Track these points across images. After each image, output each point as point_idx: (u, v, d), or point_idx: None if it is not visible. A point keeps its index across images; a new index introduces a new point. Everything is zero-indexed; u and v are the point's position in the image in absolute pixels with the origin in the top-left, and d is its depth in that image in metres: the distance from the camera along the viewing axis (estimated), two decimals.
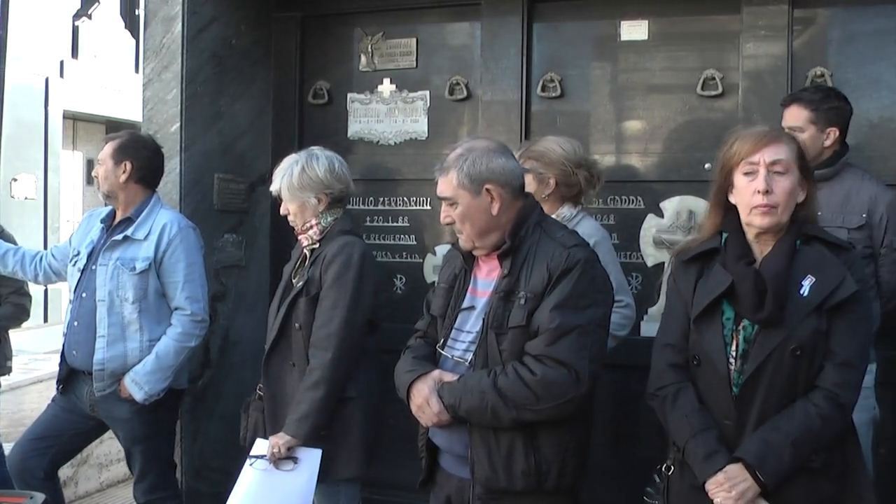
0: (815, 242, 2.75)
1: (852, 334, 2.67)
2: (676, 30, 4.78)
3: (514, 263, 2.96)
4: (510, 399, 2.85)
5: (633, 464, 4.55)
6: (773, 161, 2.72)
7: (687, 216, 4.61)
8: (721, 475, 2.67)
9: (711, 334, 2.77)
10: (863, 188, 3.89)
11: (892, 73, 4.47)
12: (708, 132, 4.63)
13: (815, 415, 2.62)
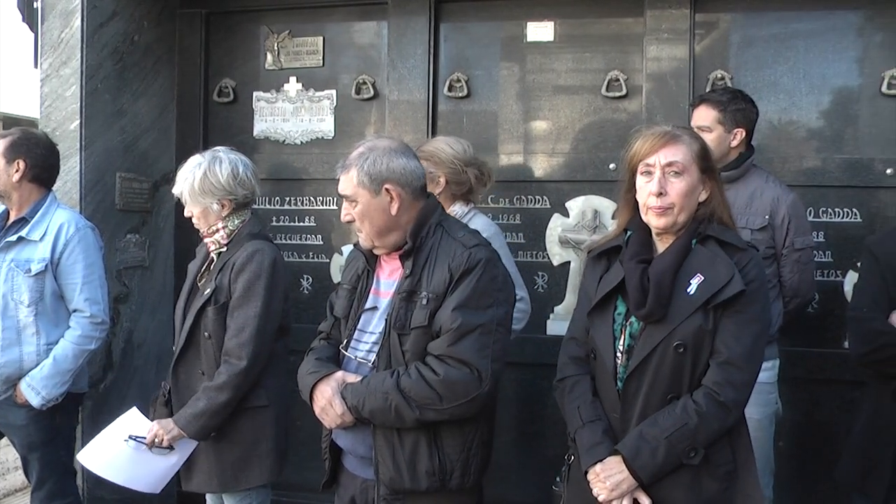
0: (711, 242, 2.77)
1: (739, 334, 2.68)
2: (582, 32, 4.84)
3: (416, 264, 2.95)
4: (413, 399, 2.84)
5: (541, 460, 4.61)
6: (669, 163, 2.73)
7: (592, 215, 4.67)
8: (599, 466, 2.72)
9: (603, 329, 2.81)
10: (766, 190, 3.98)
11: (789, 77, 4.60)
12: (612, 133, 4.71)
13: (693, 412, 2.64)
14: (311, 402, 3.06)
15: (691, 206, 2.76)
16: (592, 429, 2.78)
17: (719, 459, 2.71)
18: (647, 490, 2.70)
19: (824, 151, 4.59)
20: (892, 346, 3.16)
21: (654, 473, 2.67)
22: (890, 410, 3.22)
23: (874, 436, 3.28)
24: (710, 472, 2.70)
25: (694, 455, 2.66)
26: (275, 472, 3.64)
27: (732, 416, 2.70)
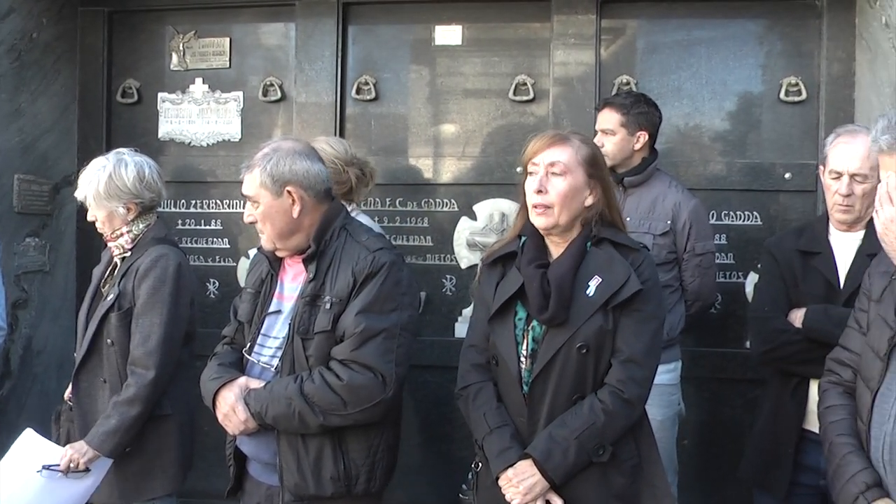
0: (606, 244, 2.81)
1: (638, 332, 2.74)
2: (489, 36, 4.86)
3: (320, 267, 2.93)
4: (317, 404, 2.82)
5: (450, 463, 4.61)
6: (551, 162, 2.77)
7: (499, 218, 4.69)
8: (510, 471, 2.72)
9: (504, 334, 2.82)
10: (668, 195, 4.03)
11: (692, 83, 4.70)
12: (520, 136, 4.72)
13: (600, 410, 2.68)
14: (214, 409, 3.01)
15: (573, 209, 2.78)
16: (500, 434, 2.78)
17: (625, 454, 2.76)
18: (558, 490, 2.73)
19: (727, 156, 4.69)
20: (792, 343, 3.24)
21: (566, 474, 2.69)
22: (790, 407, 3.29)
23: (775, 432, 3.36)
24: (616, 468, 2.74)
25: (603, 452, 2.70)
26: (178, 481, 3.57)
27: (637, 412, 2.75)
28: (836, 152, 3.29)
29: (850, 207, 3.26)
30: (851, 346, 2.64)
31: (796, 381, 3.30)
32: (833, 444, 2.56)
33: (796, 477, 3.29)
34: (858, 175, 3.22)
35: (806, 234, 3.43)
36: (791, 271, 3.37)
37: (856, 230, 3.32)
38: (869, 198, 3.25)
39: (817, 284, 3.30)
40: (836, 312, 3.15)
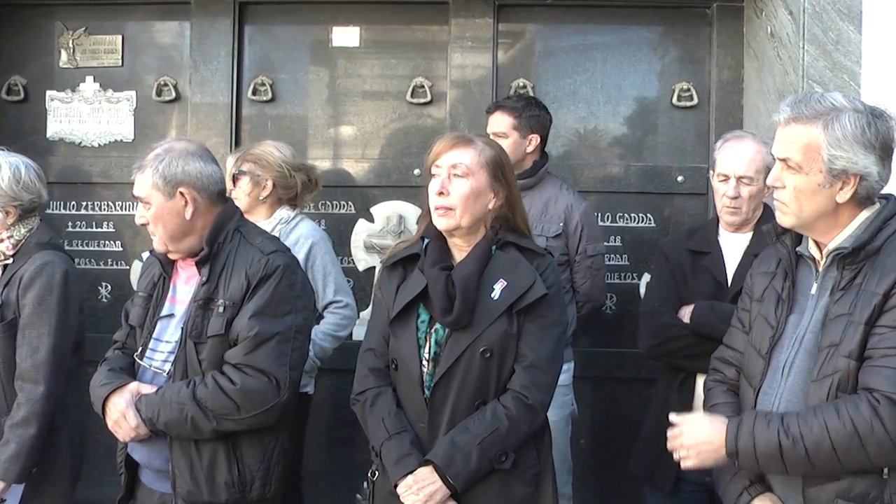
0: (511, 248, 2.82)
1: (542, 337, 2.75)
2: (387, 38, 4.86)
3: (213, 270, 2.88)
4: (210, 409, 2.78)
5: (351, 466, 4.58)
6: (453, 164, 2.76)
7: (397, 221, 4.69)
8: (410, 478, 2.69)
9: (406, 337, 2.80)
10: (560, 198, 4.09)
11: (587, 87, 4.78)
12: (417, 139, 4.76)
13: (504, 416, 2.68)
14: (104, 416, 2.93)
15: (476, 211, 2.78)
16: (400, 440, 2.75)
17: (526, 462, 2.76)
18: (458, 499, 2.70)
19: (621, 159, 4.78)
20: (679, 338, 3.32)
21: (467, 480, 2.67)
22: (676, 402, 3.35)
23: (662, 428, 3.42)
24: (518, 476, 2.74)
25: (505, 459, 2.69)
26: (68, 494, 3.46)
27: (540, 418, 2.77)
28: (723, 156, 3.40)
29: (737, 209, 3.36)
30: (735, 344, 2.70)
31: (682, 377, 3.38)
32: None
33: (683, 473, 3.35)
34: (745, 178, 3.32)
35: (697, 235, 3.53)
36: (681, 270, 3.45)
37: (744, 231, 3.42)
38: (755, 200, 3.36)
39: (706, 283, 3.40)
40: (723, 308, 3.23)
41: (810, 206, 2.39)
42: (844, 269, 2.37)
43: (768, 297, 2.56)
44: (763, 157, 3.33)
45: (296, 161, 3.96)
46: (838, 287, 2.37)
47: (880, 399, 2.22)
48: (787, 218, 2.44)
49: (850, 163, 2.33)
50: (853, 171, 2.34)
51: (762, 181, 3.32)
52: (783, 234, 2.56)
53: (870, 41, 4.02)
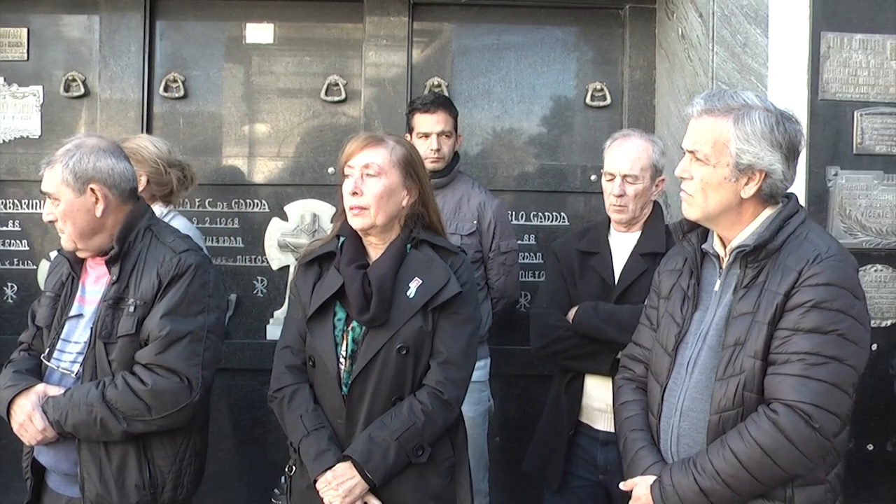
0: (425, 246, 2.86)
1: (456, 334, 2.80)
2: (301, 35, 4.82)
3: (123, 269, 2.84)
4: (120, 411, 2.74)
5: (264, 467, 4.54)
6: (366, 164, 2.79)
7: (311, 219, 4.66)
8: (329, 474, 2.71)
9: (323, 335, 2.81)
10: (473, 196, 4.15)
11: (501, 86, 4.81)
12: (332, 137, 4.74)
13: (420, 411, 2.73)
14: (10, 419, 2.86)
15: (390, 209, 2.81)
16: (318, 436, 2.77)
17: (442, 455, 2.82)
18: (376, 493, 2.74)
19: (535, 158, 4.82)
20: (564, 339, 3.38)
21: (385, 475, 2.71)
22: (564, 402, 3.44)
23: (552, 425, 3.50)
24: (434, 469, 2.80)
25: (422, 453, 2.74)
26: None
27: (454, 412, 2.82)
28: (610, 155, 3.46)
29: (623, 207, 3.41)
30: (643, 342, 2.77)
31: (571, 376, 3.45)
32: (627, 439, 2.66)
33: (575, 470, 3.44)
34: (630, 176, 3.38)
35: (588, 234, 3.58)
36: (571, 270, 3.51)
37: (633, 230, 3.49)
38: (642, 198, 3.43)
39: (593, 282, 3.46)
40: (606, 309, 3.32)
41: (715, 199, 2.46)
42: (747, 266, 2.45)
43: (675, 294, 2.63)
44: (649, 155, 3.41)
45: (171, 157, 3.89)
46: (741, 285, 2.45)
47: (779, 409, 2.31)
48: (693, 210, 2.51)
49: (757, 158, 2.41)
50: (759, 167, 2.42)
51: (648, 179, 3.41)
52: (689, 232, 2.62)
53: (776, 44, 4.13)
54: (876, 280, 4.19)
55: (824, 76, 4.12)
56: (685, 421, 2.49)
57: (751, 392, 2.37)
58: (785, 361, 2.33)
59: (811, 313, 2.32)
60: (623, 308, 3.32)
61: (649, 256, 3.40)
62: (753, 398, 2.38)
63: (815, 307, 2.32)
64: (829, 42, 4.12)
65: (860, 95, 4.14)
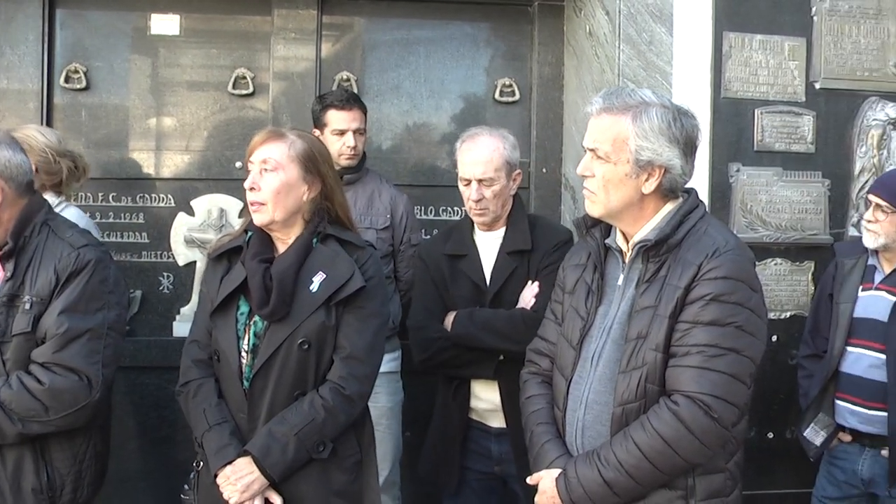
0: (332, 241, 2.83)
1: (360, 329, 2.78)
2: (208, 27, 4.74)
3: (19, 265, 2.77)
4: (15, 412, 2.68)
5: (171, 466, 4.47)
6: (263, 159, 2.78)
7: (218, 214, 4.59)
8: (228, 468, 2.70)
9: (226, 329, 2.80)
10: (383, 191, 4.16)
11: (410, 81, 4.80)
12: (239, 131, 4.67)
13: (321, 407, 2.70)
14: None
15: (289, 204, 2.79)
16: (220, 431, 2.75)
17: (347, 451, 2.81)
18: (277, 488, 2.72)
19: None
20: (445, 350, 3.38)
21: (285, 471, 2.70)
22: (454, 408, 3.46)
23: (444, 431, 3.52)
24: (338, 465, 2.78)
25: (323, 449, 2.72)
26: None
27: (357, 408, 2.79)
28: (462, 159, 3.44)
29: (484, 210, 3.43)
30: (548, 336, 2.78)
31: (457, 383, 3.46)
32: (533, 433, 2.68)
33: (471, 464, 3.48)
34: (485, 180, 3.38)
35: (453, 236, 3.57)
36: (441, 276, 3.50)
37: (497, 228, 3.50)
38: (501, 197, 3.43)
39: (465, 287, 3.46)
40: (481, 317, 3.35)
41: (617, 196, 2.50)
42: (649, 261, 2.49)
43: (579, 289, 2.66)
44: (502, 154, 3.41)
45: (61, 147, 3.79)
46: (644, 279, 2.49)
47: (679, 400, 2.36)
48: (596, 207, 2.54)
49: (656, 154, 2.45)
50: (658, 163, 2.46)
51: (505, 177, 3.41)
52: (593, 227, 2.65)
53: (680, 43, 4.21)
54: (776, 273, 4.30)
55: (726, 75, 4.23)
56: (590, 413, 2.52)
57: (653, 384, 2.41)
58: (685, 354, 2.38)
59: (710, 306, 2.37)
60: (498, 314, 3.35)
61: (517, 254, 3.42)
62: (655, 390, 2.41)
63: (714, 300, 2.37)
64: (730, 42, 4.23)
65: (760, 94, 4.26)
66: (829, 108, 4.35)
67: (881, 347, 3.57)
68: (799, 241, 4.31)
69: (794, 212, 4.30)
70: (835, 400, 3.71)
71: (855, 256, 3.76)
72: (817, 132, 4.33)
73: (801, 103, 4.31)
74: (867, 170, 4.35)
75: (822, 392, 3.72)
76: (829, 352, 3.72)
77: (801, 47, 4.30)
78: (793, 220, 4.30)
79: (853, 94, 4.38)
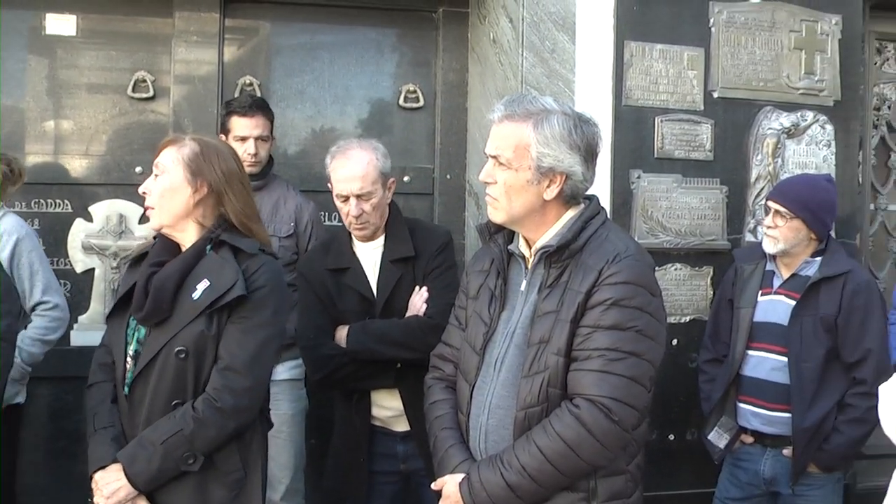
0: (225, 248, 2.77)
1: (242, 341, 2.70)
2: (107, 28, 4.64)
3: None
4: None
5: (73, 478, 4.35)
6: (156, 164, 2.77)
7: (117, 220, 4.49)
8: (99, 474, 2.65)
9: (117, 335, 2.77)
10: (289, 198, 4.14)
11: (314, 86, 4.78)
12: (139, 135, 4.59)
13: (191, 418, 2.63)
14: None
15: (173, 208, 2.76)
16: (102, 435, 2.72)
17: (228, 467, 2.73)
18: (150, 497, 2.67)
19: None
20: (343, 367, 3.36)
21: (149, 480, 2.63)
22: (357, 421, 3.46)
23: (347, 444, 3.51)
24: (218, 480, 2.71)
25: (193, 462, 2.65)
26: None
27: (233, 423, 2.70)
28: (337, 176, 3.42)
29: (365, 224, 3.42)
30: (452, 341, 2.79)
31: (358, 395, 3.45)
32: (437, 438, 2.68)
33: (378, 467, 3.48)
34: (364, 195, 3.37)
35: (333, 250, 3.55)
36: (326, 291, 3.47)
37: (377, 238, 3.51)
38: (380, 209, 3.44)
39: (353, 300, 3.45)
40: (374, 328, 3.35)
41: (519, 202, 2.51)
42: (551, 266, 2.51)
43: (482, 294, 2.67)
44: (376, 166, 3.40)
45: None
46: (546, 284, 2.51)
47: (580, 404, 2.39)
48: (498, 213, 2.56)
49: (557, 161, 2.48)
50: (559, 170, 2.49)
51: (381, 189, 3.41)
52: (496, 234, 2.67)
53: (583, 51, 4.27)
54: (676, 278, 4.39)
55: (628, 83, 4.30)
56: (493, 418, 2.53)
57: (555, 388, 2.43)
58: (586, 357, 2.40)
59: (611, 311, 2.40)
60: (392, 324, 3.36)
61: (400, 262, 3.43)
62: (557, 394, 2.44)
63: (615, 305, 2.40)
64: (632, 51, 4.30)
65: (661, 102, 4.35)
66: (727, 117, 4.46)
67: (783, 350, 3.68)
68: (698, 246, 4.40)
69: (694, 218, 4.39)
70: (737, 403, 3.80)
71: (754, 262, 3.86)
72: (715, 140, 4.44)
73: (699, 112, 4.41)
74: (763, 177, 4.47)
75: (725, 396, 3.81)
76: (731, 356, 3.81)
77: (699, 57, 4.40)
78: (692, 226, 4.39)
79: (749, 104, 4.50)
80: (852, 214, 4.72)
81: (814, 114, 4.57)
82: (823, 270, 3.67)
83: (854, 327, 3.62)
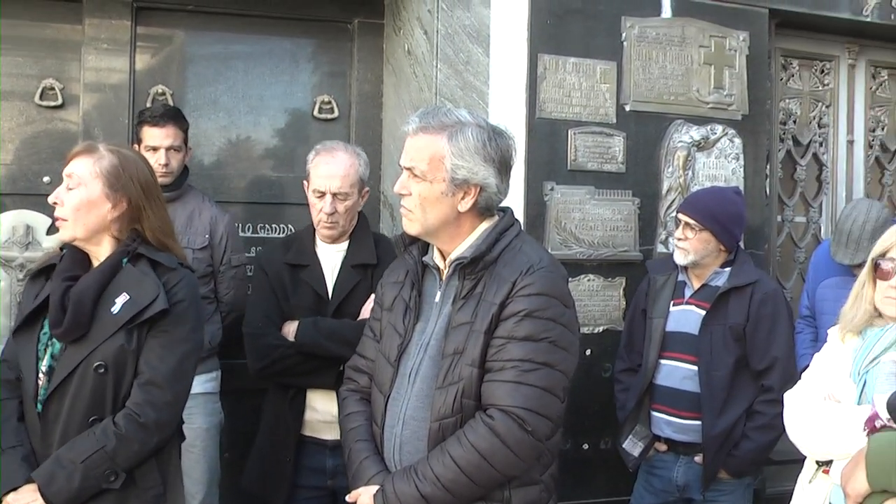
0: (143, 261, 2.73)
1: (163, 355, 2.67)
2: (13, 33, 4.49)
3: None
4: None
5: None
6: (69, 174, 2.71)
7: (24, 231, 4.36)
8: (12, 495, 2.57)
9: (27, 350, 2.69)
10: (204, 210, 4.09)
11: (228, 96, 4.72)
12: (47, 144, 4.46)
13: (112, 434, 2.59)
14: None
15: (90, 222, 2.70)
16: (11, 455, 2.63)
17: (147, 483, 2.68)
18: None
19: (261, 169, 4.77)
20: (286, 358, 3.37)
21: (69, 499, 2.57)
22: (289, 417, 3.45)
23: (274, 441, 3.49)
24: (137, 496, 2.66)
25: (115, 479, 2.60)
26: None
27: (155, 438, 2.67)
28: (317, 171, 3.48)
29: (335, 224, 3.47)
30: (367, 353, 2.78)
31: (294, 392, 3.45)
32: (352, 450, 2.67)
33: (303, 482, 3.45)
34: (340, 194, 3.42)
35: (294, 246, 3.58)
36: (281, 284, 3.50)
37: (341, 242, 3.55)
38: (351, 213, 3.49)
39: (307, 296, 3.48)
40: (325, 325, 3.36)
41: (434, 214, 2.53)
42: (465, 278, 2.53)
43: (397, 306, 2.67)
44: (357, 170, 3.48)
45: None
46: (460, 296, 2.53)
47: (494, 414, 2.41)
48: (413, 225, 2.57)
49: (471, 173, 2.50)
50: (474, 182, 2.51)
51: (357, 194, 3.48)
52: (411, 245, 2.68)
53: (497, 64, 4.30)
54: (589, 289, 4.44)
55: (541, 96, 4.34)
56: (407, 429, 2.53)
57: (469, 399, 2.45)
58: (500, 368, 2.42)
59: (524, 322, 2.42)
60: (344, 323, 3.37)
61: (360, 268, 3.46)
62: (472, 405, 2.45)
63: (528, 316, 2.42)
64: (545, 64, 4.35)
65: (574, 115, 4.40)
66: (639, 130, 4.54)
67: (693, 359, 3.75)
68: (610, 257, 4.47)
69: (606, 229, 4.45)
70: (651, 411, 3.87)
71: (666, 273, 3.93)
72: (627, 153, 4.51)
73: (612, 125, 4.48)
74: (674, 189, 4.56)
75: (639, 404, 3.88)
76: (644, 365, 3.87)
77: (612, 71, 4.47)
78: (605, 238, 4.45)
79: (660, 117, 4.59)
80: (760, 226, 4.84)
81: (723, 127, 4.68)
82: (732, 280, 3.76)
83: (762, 336, 3.71)
